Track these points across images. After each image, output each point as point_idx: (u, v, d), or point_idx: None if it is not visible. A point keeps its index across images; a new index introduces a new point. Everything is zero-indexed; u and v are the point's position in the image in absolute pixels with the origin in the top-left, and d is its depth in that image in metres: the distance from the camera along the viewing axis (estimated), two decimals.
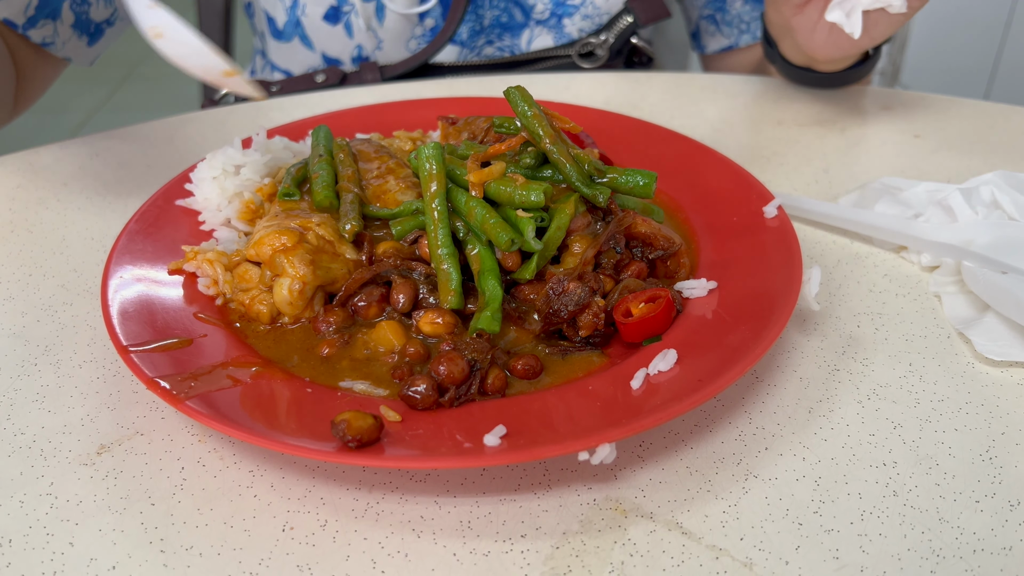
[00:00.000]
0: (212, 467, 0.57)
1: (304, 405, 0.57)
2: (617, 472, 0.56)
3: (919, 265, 0.76)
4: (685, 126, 0.98)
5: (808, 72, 1.02)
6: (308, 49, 1.19)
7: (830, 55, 0.93)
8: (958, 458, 0.57)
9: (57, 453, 0.58)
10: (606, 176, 0.69)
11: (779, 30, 0.96)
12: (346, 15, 1.16)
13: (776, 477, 0.56)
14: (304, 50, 1.20)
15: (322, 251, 0.67)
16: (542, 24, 1.19)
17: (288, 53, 1.21)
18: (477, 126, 0.78)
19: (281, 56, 1.22)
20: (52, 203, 0.86)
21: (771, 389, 0.63)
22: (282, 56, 1.22)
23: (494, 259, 0.65)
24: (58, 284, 0.74)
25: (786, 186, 0.89)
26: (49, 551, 0.51)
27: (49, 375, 0.64)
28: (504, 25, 1.19)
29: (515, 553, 0.51)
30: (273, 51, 1.23)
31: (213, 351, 0.61)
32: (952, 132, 0.99)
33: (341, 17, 1.16)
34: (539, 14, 1.18)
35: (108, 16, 1.03)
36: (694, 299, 0.65)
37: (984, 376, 0.64)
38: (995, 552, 0.51)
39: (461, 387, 0.58)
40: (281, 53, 1.22)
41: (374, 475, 0.56)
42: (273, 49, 1.23)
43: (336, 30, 1.17)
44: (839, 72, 1.01)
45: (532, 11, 1.18)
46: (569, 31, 1.20)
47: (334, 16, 1.16)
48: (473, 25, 1.17)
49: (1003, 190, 0.76)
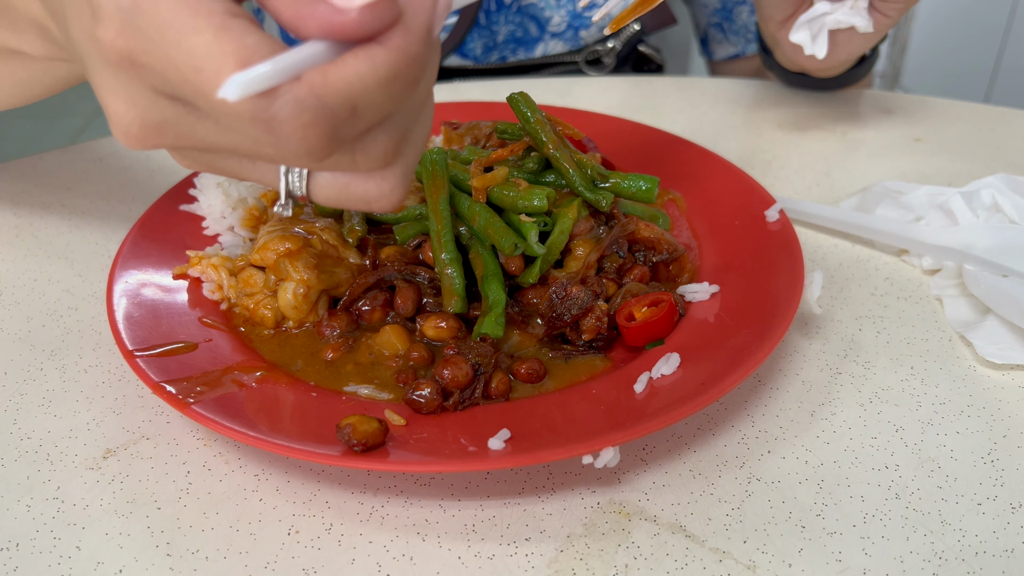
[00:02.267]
0: (217, 471, 0.57)
1: (309, 409, 0.57)
2: (621, 475, 0.56)
3: (920, 268, 0.76)
4: (687, 130, 0.99)
5: (804, 77, 1.03)
6: None
7: (816, 65, 0.93)
8: (960, 461, 0.57)
9: (63, 457, 0.58)
10: (609, 181, 0.70)
11: (770, 41, 0.97)
12: None
13: (779, 480, 0.56)
14: None
15: (326, 256, 0.67)
16: (558, 37, 1.18)
17: None
18: (480, 131, 0.79)
19: None
20: (56, 208, 0.86)
21: (773, 392, 0.63)
22: None
23: (497, 263, 0.65)
24: (63, 289, 0.74)
25: (788, 190, 0.89)
26: (56, 555, 0.51)
27: (55, 379, 0.64)
28: (519, 40, 1.18)
29: (519, 556, 0.51)
30: None
31: (218, 355, 0.62)
32: (953, 135, 0.99)
33: None
34: (555, 27, 1.18)
35: None
36: (697, 303, 0.66)
37: (986, 379, 0.64)
38: (997, 554, 0.51)
39: (465, 391, 0.58)
40: None
41: (379, 479, 0.56)
42: None
43: None
44: (836, 76, 1.01)
45: (548, 24, 1.18)
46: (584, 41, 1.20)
47: None
48: (487, 41, 1.17)
49: (1004, 193, 0.77)
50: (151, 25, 0.38)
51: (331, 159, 0.42)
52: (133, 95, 0.42)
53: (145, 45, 0.39)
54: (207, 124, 0.42)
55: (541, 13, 1.17)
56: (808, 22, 0.87)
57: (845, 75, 1.01)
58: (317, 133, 0.39)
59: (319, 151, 0.40)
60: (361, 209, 0.46)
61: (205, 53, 0.38)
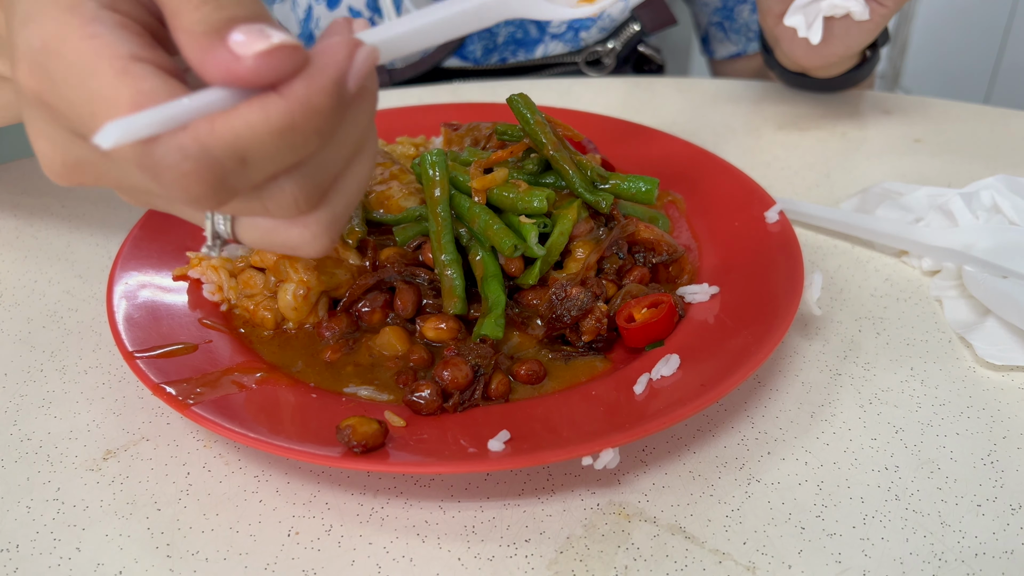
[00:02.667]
0: (217, 472, 0.57)
1: (309, 410, 0.57)
2: (620, 477, 0.56)
3: (920, 269, 0.76)
4: (687, 131, 0.99)
5: (804, 77, 1.02)
6: None
7: (814, 63, 0.93)
8: (960, 462, 0.57)
9: (63, 458, 0.58)
10: (608, 182, 0.70)
11: (770, 38, 0.96)
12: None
13: (778, 481, 0.56)
14: None
15: (326, 257, 0.67)
16: (558, 38, 1.18)
17: None
18: (480, 132, 0.79)
19: None
20: (57, 209, 0.86)
21: (773, 393, 0.63)
22: None
23: (497, 265, 0.65)
24: (63, 290, 0.74)
25: (787, 191, 0.89)
26: (56, 556, 0.51)
27: (55, 381, 0.64)
28: (519, 41, 1.18)
29: (519, 557, 0.51)
30: None
31: (218, 357, 0.62)
32: (953, 136, 0.99)
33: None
34: (555, 28, 1.18)
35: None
36: (696, 304, 0.66)
37: (985, 380, 0.64)
38: (997, 556, 0.51)
39: (465, 392, 0.58)
40: None
41: (379, 480, 0.56)
42: None
43: None
44: (835, 77, 1.01)
45: (548, 25, 1.18)
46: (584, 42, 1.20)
47: None
48: (487, 43, 1.17)
49: (1004, 194, 0.77)
50: (56, 67, 0.38)
51: (233, 205, 0.41)
52: (51, 135, 0.42)
53: (51, 86, 0.39)
54: (114, 166, 0.41)
55: None
56: (804, 7, 0.87)
57: (845, 76, 1.01)
58: (199, 181, 0.38)
59: (204, 199, 0.39)
60: (289, 254, 0.45)
61: (100, 96, 0.37)
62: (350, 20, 0.43)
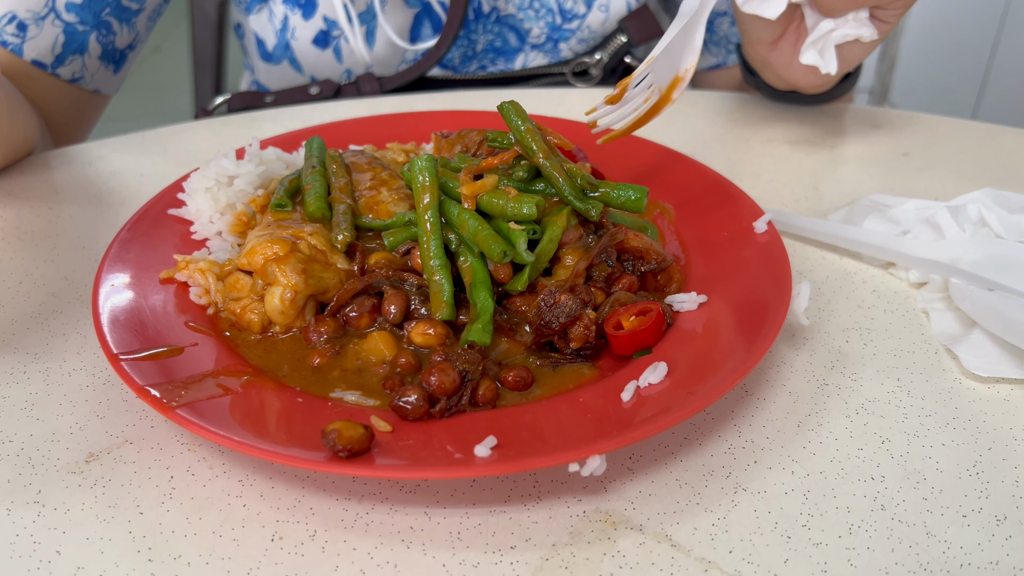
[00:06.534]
0: (201, 476, 0.56)
1: (294, 415, 0.57)
2: (607, 484, 0.56)
3: (907, 281, 0.77)
4: (676, 142, 0.99)
5: (793, 94, 1.03)
6: (297, 72, 1.19)
7: (812, 83, 0.94)
8: (945, 473, 0.58)
9: (45, 461, 0.57)
10: (598, 190, 0.70)
11: (758, 63, 0.97)
12: (335, 39, 1.16)
13: (765, 490, 0.56)
14: (293, 73, 1.20)
15: (314, 260, 0.67)
16: (537, 48, 1.19)
17: (277, 75, 1.21)
18: (470, 139, 0.79)
19: (271, 78, 1.23)
20: (44, 211, 0.85)
21: (760, 403, 0.63)
22: (272, 78, 1.22)
23: (486, 271, 0.65)
24: (49, 292, 0.74)
25: (776, 202, 0.89)
26: (36, 559, 0.51)
27: (38, 383, 0.64)
28: (498, 50, 1.19)
29: (504, 564, 0.51)
30: (262, 73, 1.23)
31: (204, 360, 0.61)
32: (940, 151, 1.00)
33: (330, 41, 1.16)
34: (535, 38, 1.19)
35: (131, 41, 1.05)
36: (685, 313, 0.66)
37: (971, 392, 0.65)
38: (982, 566, 0.51)
39: (452, 398, 0.58)
40: (271, 75, 1.22)
41: (364, 485, 0.56)
42: (262, 71, 1.23)
43: (325, 54, 1.17)
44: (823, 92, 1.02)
45: (527, 35, 1.18)
46: (565, 55, 1.21)
47: (323, 40, 1.16)
48: (465, 51, 1.18)
49: (990, 208, 0.77)
50: None
51: None
52: None
53: None
54: None
55: (520, 24, 1.17)
56: (813, 42, 0.88)
57: (833, 90, 1.02)
58: None
59: None
60: None
61: None
62: None
